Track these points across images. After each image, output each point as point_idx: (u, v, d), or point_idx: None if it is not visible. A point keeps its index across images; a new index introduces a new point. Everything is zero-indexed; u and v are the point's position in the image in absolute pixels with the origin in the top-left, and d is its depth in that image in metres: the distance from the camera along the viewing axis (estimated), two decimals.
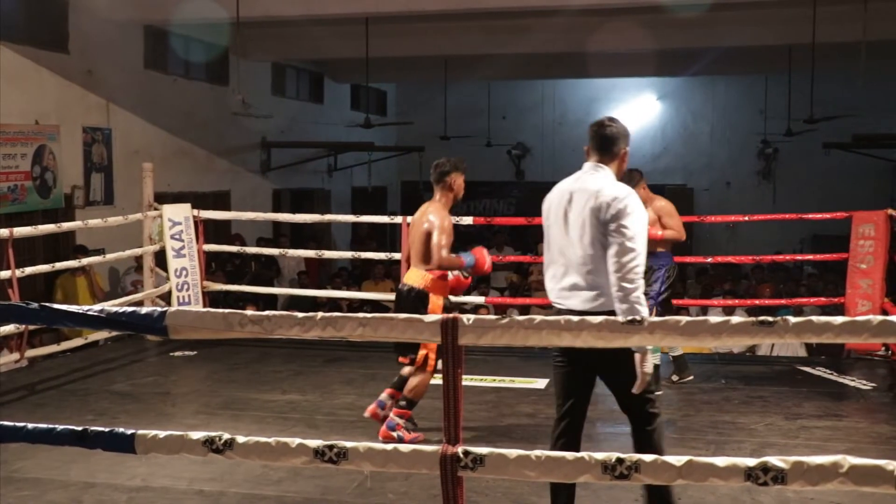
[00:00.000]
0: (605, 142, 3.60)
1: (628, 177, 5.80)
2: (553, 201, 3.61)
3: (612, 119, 3.69)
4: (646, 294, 5.67)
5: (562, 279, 3.53)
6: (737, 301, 8.99)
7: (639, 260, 3.38)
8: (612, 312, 3.33)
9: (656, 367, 5.85)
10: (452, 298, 5.19)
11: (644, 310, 3.34)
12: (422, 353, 4.95)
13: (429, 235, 4.93)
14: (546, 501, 4.02)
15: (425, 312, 4.83)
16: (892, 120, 18.84)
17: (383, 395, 5.17)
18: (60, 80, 10.52)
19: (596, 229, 3.41)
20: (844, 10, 11.27)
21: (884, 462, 2.56)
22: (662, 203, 5.94)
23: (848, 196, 14.50)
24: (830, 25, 11.48)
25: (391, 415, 4.97)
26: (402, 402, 4.99)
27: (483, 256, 5.05)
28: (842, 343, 6.18)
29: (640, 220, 3.42)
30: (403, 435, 4.86)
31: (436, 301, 4.97)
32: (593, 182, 3.51)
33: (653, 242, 5.82)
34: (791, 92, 15.28)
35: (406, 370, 5.10)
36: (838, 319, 2.64)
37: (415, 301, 4.93)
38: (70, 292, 9.12)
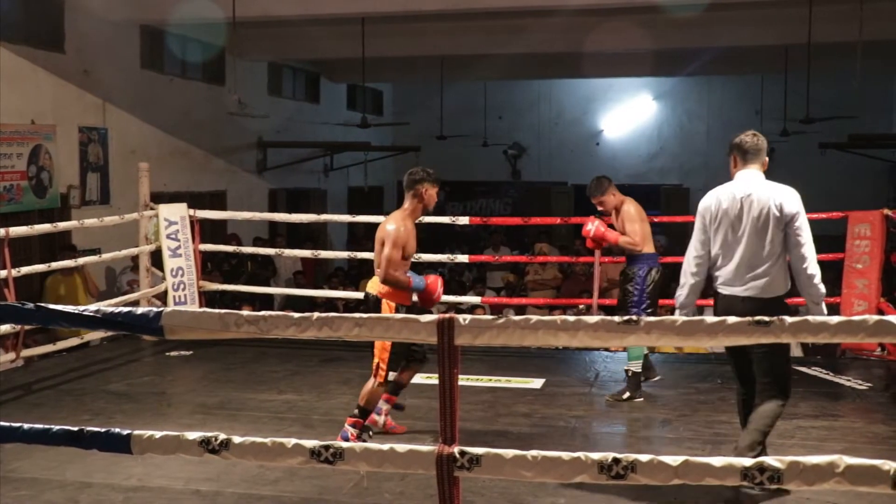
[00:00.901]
0: (760, 152, 4.23)
1: (597, 183, 5.82)
2: (721, 203, 4.11)
3: (756, 133, 4.30)
4: (629, 298, 5.72)
5: (736, 270, 4.02)
6: None
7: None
8: (780, 297, 4.00)
9: (636, 373, 5.86)
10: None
11: (822, 292, 4.01)
12: (374, 361, 4.85)
13: (382, 244, 4.81)
14: (542, 502, 4.03)
15: None
16: (888, 120, 18.90)
17: (384, 405, 5.12)
18: (57, 79, 10.50)
19: (776, 227, 3.97)
20: (840, 9, 11.29)
21: (880, 462, 2.57)
22: (628, 207, 5.84)
23: (844, 196, 14.51)
24: (826, 25, 11.51)
25: (345, 425, 4.83)
26: (355, 411, 4.87)
27: (435, 287, 4.91)
28: (838, 343, 6.20)
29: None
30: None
31: (389, 307, 4.84)
32: (767, 186, 4.08)
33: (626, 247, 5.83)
34: (787, 92, 15.31)
35: (396, 376, 4.96)
36: (834, 319, 2.64)
37: (372, 307, 4.87)
38: (60, 293, 9.04)
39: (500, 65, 16.18)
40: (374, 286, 4.93)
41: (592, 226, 5.73)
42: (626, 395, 5.77)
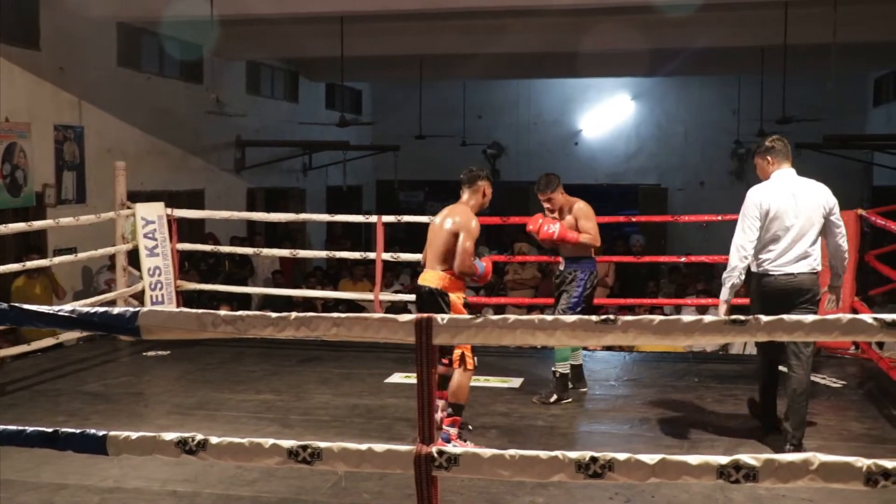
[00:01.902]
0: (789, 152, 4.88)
1: (546, 181, 5.83)
2: (773, 200, 4.68)
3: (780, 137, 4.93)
4: (568, 300, 5.75)
5: (786, 253, 4.66)
6: (710, 300, 9.03)
7: None
8: (814, 274, 4.70)
9: (572, 367, 5.87)
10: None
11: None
12: (457, 352, 4.81)
13: (454, 236, 4.90)
14: (520, 501, 4.04)
15: (448, 311, 4.80)
16: (861, 120, 19.07)
17: (439, 401, 4.99)
18: (31, 77, 10.41)
19: (820, 217, 4.70)
20: (815, 12, 11.39)
21: (853, 459, 2.60)
22: (581, 205, 5.85)
23: None
24: (802, 27, 11.61)
25: (443, 426, 4.74)
26: (449, 410, 4.81)
27: (489, 270, 5.12)
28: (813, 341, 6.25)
29: None
30: (459, 445, 4.59)
31: (456, 300, 4.92)
32: (809, 184, 4.78)
33: (575, 248, 5.84)
34: (763, 93, 15.42)
35: (445, 370, 4.91)
36: (809, 318, 2.67)
37: (437, 301, 4.87)
38: (26, 295, 8.93)
39: (480, 64, 16.19)
40: (435, 279, 4.93)
41: (555, 227, 5.73)
42: (554, 397, 5.74)
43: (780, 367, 4.97)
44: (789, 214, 4.68)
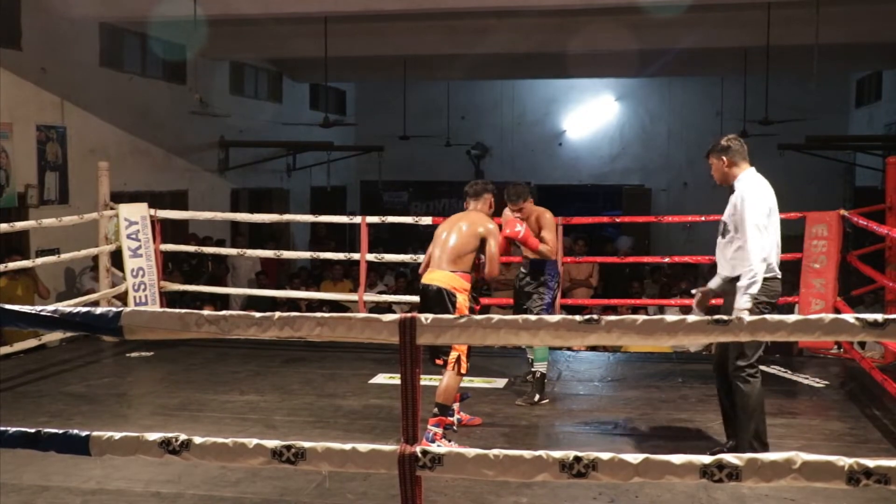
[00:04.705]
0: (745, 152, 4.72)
1: (516, 192, 5.86)
2: (772, 198, 4.61)
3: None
4: (539, 302, 5.79)
5: (776, 256, 4.59)
6: (692, 301, 9.06)
7: None
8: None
9: (543, 374, 5.87)
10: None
11: None
12: (453, 354, 4.87)
13: (478, 240, 5.02)
14: (504, 501, 4.05)
15: (453, 312, 4.84)
16: (843, 121, 19.19)
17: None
18: (13, 77, 10.34)
19: None
20: (797, 13, 11.46)
21: (835, 458, 2.61)
22: (547, 216, 5.93)
23: (801, 197, 14.71)
24: (784, 28, 11.68)
25: (428, 426, 4.76)
26: (435, 410, 4.83)
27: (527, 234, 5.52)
28: (795, 341, 6.29)
29: None
30: (444, 445, 4.61)
31: (463, 302, 4.96)
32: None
33: (538, 253, 5.88)
34: (746, 93, 15.49)
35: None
36: (792, 318, 2.68)
37: (444, 301, 4.91)
38: (8, 296, 8.86)
39: (464, 65, 16.21)
40: (446, 280, 4.97)
41: (522, 227, 5.77)
42: (537, 397, 5.77)
43: (763, 368, 4.96)
44: (777, 213, 4.62)
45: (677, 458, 2.68)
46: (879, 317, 2.61)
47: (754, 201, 4.46)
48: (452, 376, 4.87)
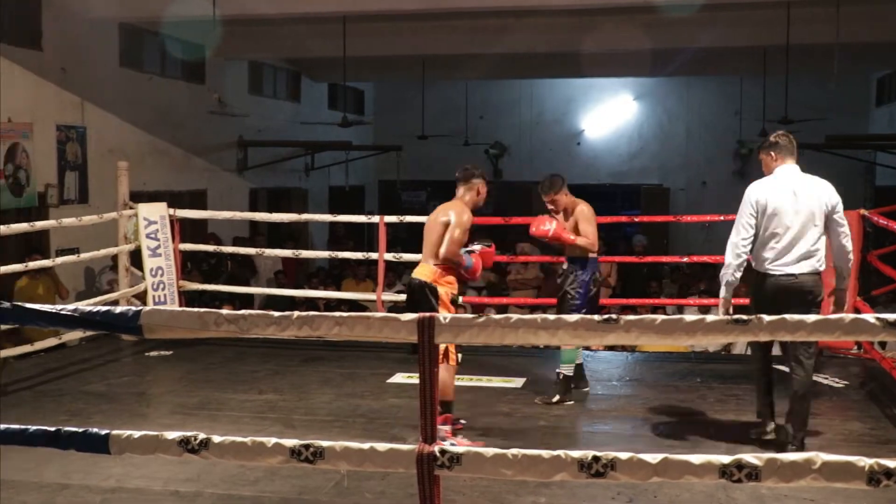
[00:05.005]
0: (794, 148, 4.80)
1: (549, 182, 5.80)
2: (771, 195, 4.62)
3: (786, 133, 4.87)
4: (570, 300, 5.73)
5: (787, 253, 4.56)
6: (713, 300, 9.02)
7: None
8: (817, 274, 4.60)
9: (567, 376, 5.84)
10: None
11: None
12: (441, 347, 4.82)
13: (446, 228, 4.99)
14: (523, 500, 4.04)
15: (436, 305, 4.85)
16: (864, 121, 19.05)
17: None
18: (34, 77, 10.42)
19: (822, 216, 4.61)
20: (817, 12, 11.38)
21: (855, 458, 2.59)
22: (583, 208, 5.83)
23: None
24: (804, 27, 11.60)
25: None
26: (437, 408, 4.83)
27: (478, 266, 5.16)
28: (815, 341, 6.24)
29: None
30: (456, 442, 4.59)
31: (444, 294, 4.95)
32: (812, 180, 4.70)
33: (576, 248, 5.81)
34: (766, 93, 15.40)
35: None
36: (812, 318, 2.66)
37: (426, 294, 4.91)
38: (29, 295, 8.91)
39: (482, 65, 16.19)
40: (426, 273, 4.98)
41: (551, 225, 5.71)
42: (557, 397, 5.74)
43: (780, 367, 4.96)
44: (789, 212, 4.58)
45: (696, 458, 2.67)
46: None
47: (744, 199, 4.68)
48: (445, 369, 4.85)
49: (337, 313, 2.93)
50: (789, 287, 4.56)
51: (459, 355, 4.94)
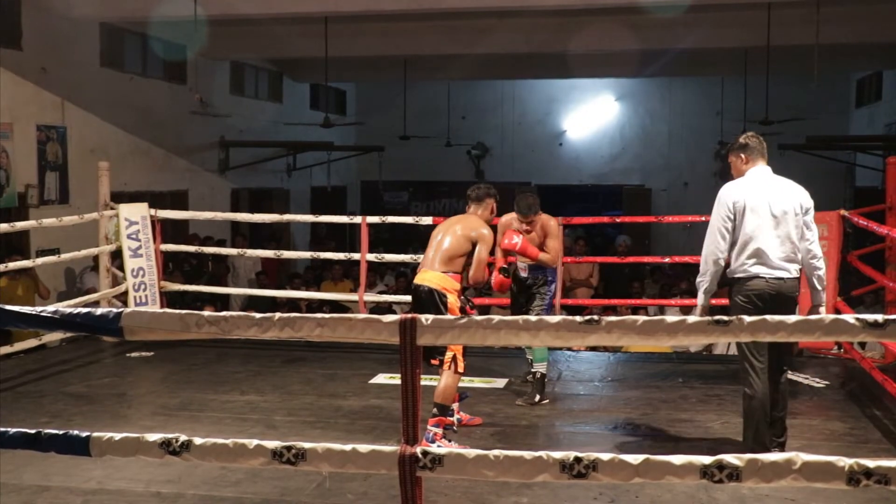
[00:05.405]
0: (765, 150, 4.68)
1: (527, 204, 5.84)
2: (748, 197, 4.49)
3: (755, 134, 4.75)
4: (539, 304, 5.80)
5: (764, 255, 4.45)
6: (694, 300, 9.05)
7: None
8: (797, 279, 4.52)
9: (543, 374, 5.87)
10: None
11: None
12: (449, 354, 4.86)
13: (470, 243, 5.00)
14: (505, 501, 4.05)
15: (445, 312, 4.85)
16: (844, 121, 19.19)
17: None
18: (13, 77, 10.34)
19: (798, 218, 4.49)
20: (798, 13, 11.47)
21: (835, 458, 2.61)
22: (553, 224, 5.94)
23: None
24: (785, 29, 11.68)
25: (428, 426, 4.75)
26: (435, 410, 4.82)
27: (499, 280, 5.38)
28: (795, 342, 6.28)
29: None
30: (444, 445, 4.64)
31: (454, 302, 4.95)
32: (785, 183, 4.58)
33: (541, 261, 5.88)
34: (747, 94, 15.49)
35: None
36: (792, 318, 2.68)
37: (435, 301, 4.91)
38: (9, 296, 8.86)
39: (464, 65, 16.20)
40: (437, 280, 4.97)
41: (519, 239, 5.77)
42: (538, 397, 5.77)
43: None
44: (765, 213, 4.45)
45: (678, 459, 2.68)
46: (880, 317, 2.61)
47: (718, 202, 4.57)
48: (450, 376, 4.87)
49: (319, 315, 2.92)
50: (768, 290, 4.44)
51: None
